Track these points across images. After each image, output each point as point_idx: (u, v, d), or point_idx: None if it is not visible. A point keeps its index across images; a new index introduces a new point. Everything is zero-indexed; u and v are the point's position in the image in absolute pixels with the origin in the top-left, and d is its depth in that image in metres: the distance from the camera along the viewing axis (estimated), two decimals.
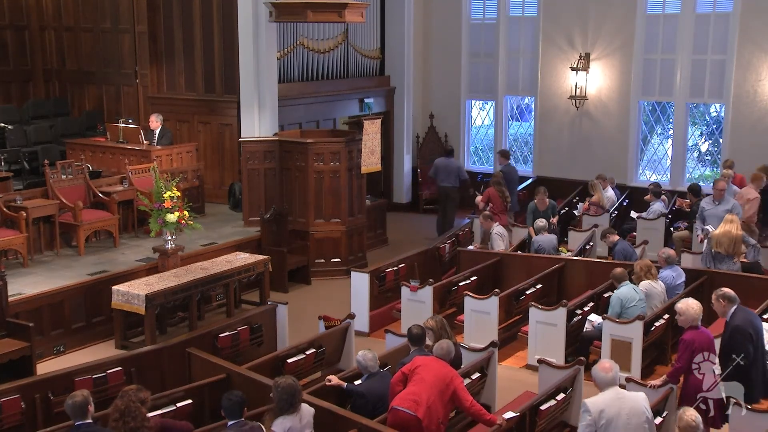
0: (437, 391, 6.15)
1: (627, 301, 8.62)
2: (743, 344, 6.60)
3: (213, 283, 9.81)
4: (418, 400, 6.08)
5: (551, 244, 11.18)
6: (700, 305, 6.72)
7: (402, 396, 6.21)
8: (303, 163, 12.10)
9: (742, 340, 6.62)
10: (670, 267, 9.56)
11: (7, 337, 8.28)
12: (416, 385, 6.19)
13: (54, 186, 10.91)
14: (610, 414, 5.44)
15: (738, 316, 6.79)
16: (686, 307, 6.66)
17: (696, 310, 6.61)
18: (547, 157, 15.92)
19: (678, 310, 6.71)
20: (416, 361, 6.39)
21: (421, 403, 6.07)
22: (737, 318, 6.76)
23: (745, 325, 6.71)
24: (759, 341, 6.69)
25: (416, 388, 6.17)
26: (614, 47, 14.97)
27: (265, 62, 12.47)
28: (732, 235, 10.00)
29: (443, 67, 16.91)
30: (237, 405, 5.70)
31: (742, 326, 6.70)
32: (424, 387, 6.15)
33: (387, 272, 10.57)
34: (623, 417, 5.45)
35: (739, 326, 6.71)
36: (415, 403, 6.08)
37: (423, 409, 6.06)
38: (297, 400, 5.73)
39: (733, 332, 6.70)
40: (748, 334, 6.65)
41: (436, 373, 6.22)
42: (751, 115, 13.93)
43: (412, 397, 6.12)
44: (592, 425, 5.45)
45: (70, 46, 15.97)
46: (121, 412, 5.57)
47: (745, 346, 6.60)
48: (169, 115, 13.74)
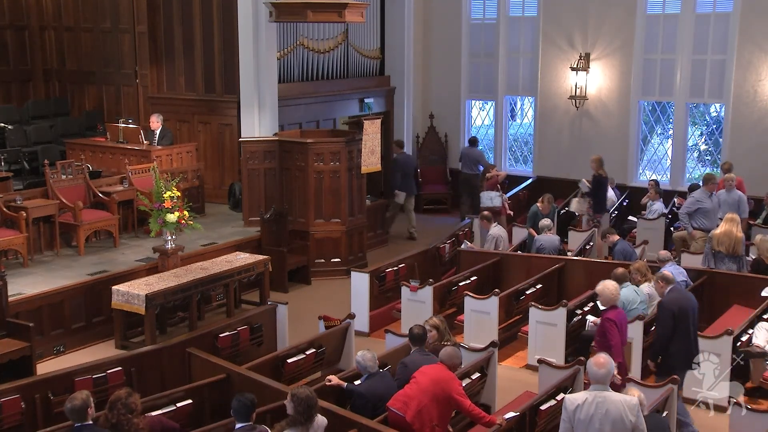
0: (430, 395, 6.23)
1: (628, 304, 8.60)
2: (666, 319, 7.36)
3: (213, 283, 9.81)
4: (408, 402, 6.23)
5: (553, 245, 11.18)
6: (616, 286, 7.28)
7: (396, 396, 6.38)
8: (303, 163, 12.10)
9: (666, 315, 7.37)
10: (671, 264, 9.59)
11: (7, 337, 8.27)
12: (410, 388, 6.33)
13: (54, 186, 10.91)
14: (583, 415, 5.24)
15: (669, 295, 7.49)
16: (603, 288, 7.16)
17: (612, 290, 7.12)
18: (547, 157, 15.92)
19: (597, 291, 7.22)
20: (422, 367, 6.48)
21: (410, 405, 6.21)
22: (667, 297, 7.50)
23: (670, 303, 7.40)
24: (683, 319, 7.34)
25: (409, 391, 6.31)
26: (614, 47, 14.97)
27: (265, 62, 12.46)
28: (733, 235, 10.01)
29: (443, 67, 16.91)
30: (246, 408, 5.60)
31: (667, 304, 7.40)
32: (417, 390, 6.27)
33: (387, 272, 10.57)
34: (595, 423, 5.21)
35: (664, 303, 7.46)
36: (404, 405, 6.23)
37: (412, 411, 6.18)
38: (314, 413, 5.56)
39: (660, 308, 7.50)
40: (671, 312, 7.33)
41: (432, 377, 6.31)
42: (751, 115, 13.93)
43: (403, 399, 6.28)
44: (567, 422, 5.34)
45: (70, 46, 15.96)
46: (112, 425, 5.57)
47: (667, 320, 7.34)
48: (169, 115, 13.74)
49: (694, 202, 11.36)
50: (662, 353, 7.39)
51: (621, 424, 5.20)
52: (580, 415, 5.27)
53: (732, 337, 7.97)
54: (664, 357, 7.39)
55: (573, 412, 5.30)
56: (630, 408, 5.23)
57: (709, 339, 8.07)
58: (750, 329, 8.42)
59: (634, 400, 5.30)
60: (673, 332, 7.31)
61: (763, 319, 8.54)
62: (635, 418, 5.21)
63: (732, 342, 7.98)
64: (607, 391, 5.34)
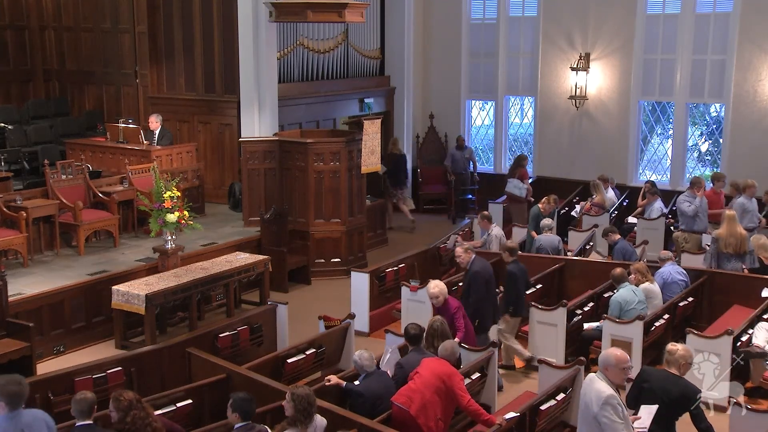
0: (434, 389, 6.32)
1: (626, 304, 8.62)
2: (480, 285, 8.29)
3: (213, 283, 9.81)
4: (412, 396, 6.31)
5: (551, 245, 11.17)
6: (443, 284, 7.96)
7: (401, 391, 6.45)
8: (303, 163, 12.10)
9: (480, 281, 8.28)
10: (670, 264, 9.59)
11: (7, 337, 8.27)
12: (414, 382, 6.41)
13: (54, 186, 10.91)
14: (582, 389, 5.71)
15: (477, 263, 8.41)
16: (438, 291, 7.77)
17: (442, 288, 7.83)
18: (547, 157, 15.92)
19: (431, 295, 7.81)
20: (423, 361, 6.57)
21: (414, 399, 6.29)
22: (476, 265, 8.38)
23: (482, 271, 8.35)
24: (491, 284, 8.43)
25: (413, 385, 6.39)
26: (614, 47, 14.96)
27: (265, 62, 12.46)
28: (738, 233, 10.01)
29: (443, 67, 16.91)
30: (250, 405, 5.60)
31: (481, 272, 8.33)
32: (421, 384, 6.35)
33: (387, 272, 10.57)
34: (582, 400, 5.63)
35: (478, 271, 8.32)
36: (408, 399, 6.31)
37: (416, 405, 6.26)
38: (313, 411, 5.59)
39: (474, 275, 8.32)
40: (484, 279, 8.31)
41: (434, 371, 6.40)
42: (751, 115, 13.92)
43: (407, 393, 6.36)
44: None
45: (70, 46, 15.96)
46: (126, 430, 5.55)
47: (480, 287, 8.29)
48: (169, 115, 13.74)
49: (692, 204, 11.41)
50: (477, 316, 8.23)
51: (587, 411, 5.53)
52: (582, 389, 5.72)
53: (732, 337, 7.97)
54: (480, 318, 8.26)
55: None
56: (596, 399, 5.46)
57: (709, 339, 8.08)
58: (750, 329, 8.42)
59: (604, 393, 5.43)
60: (486, 296, 8.32)
61: (763, 319, 8.54)
62: (597, 409, 5.42)
63: (732, 342, 7.97)
64: (599, 377, 5.56)
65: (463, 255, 8.46)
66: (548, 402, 6.72)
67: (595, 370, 7.99)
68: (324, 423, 5.77)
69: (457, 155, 15.91)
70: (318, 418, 5.70)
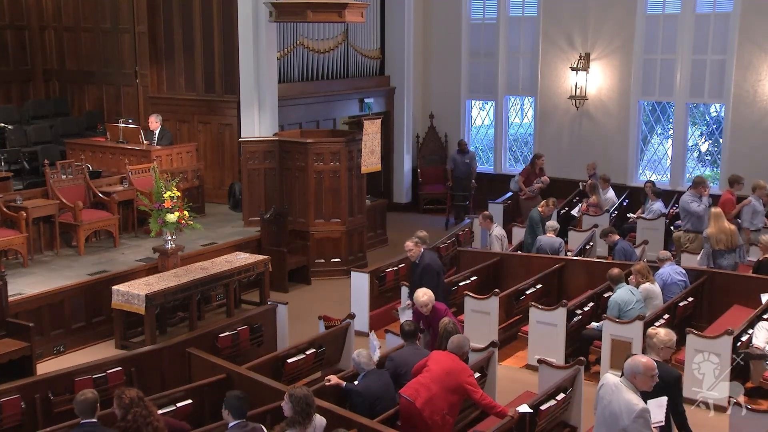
0: (441, 384, 6.35)
1: (625, 305, 8.61)
2: (433, 276, 8.64)
3: (213, 283, 9.81)
4: (419, 389, 6.35)
5: (552, 247, 11.16)
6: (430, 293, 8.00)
7: (409, 384, 6.50)
8: (303, 163, 12.10)
9: (432, 272, 8.63)
10: (670, 264, 9.58)
11: (7, 337, 8.28)
12: (423, 376, 6.47)
13: (54, 186, 10.91)
14: (601, 392, 5.50)
15: (427, 256, 8.79)
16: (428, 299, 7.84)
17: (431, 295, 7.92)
18: (547, 157, 15.85)
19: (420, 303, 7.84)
20: (432, 354, 6.69)
21: (421, 392, 6.33)
22: (426, 258, 8.75)
23: (433, 263, 8.75)
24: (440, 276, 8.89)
25: (422, 378, 6.44)
26: (614, 47, 14.97)
27: (265, 62, 12.47)
28: (727, 229, 10.09)
29: (443, 67, 16.91)
30: (243, 404, 5.62)
31: (432, 264, 8.72)
32: (429, 378, 6.39)
33: (387, 272, 10.57)
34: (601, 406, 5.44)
35: (429, 264, 8.69)
36: (415, 392, 6.35)
37: (423, 398, 6.29)
38: (312, 412, 5.58)
39: (425, 268, 8.65)
40: (435, 271, 8.71)
41: (443, 367, 6.44)
42: (751, 115, 13.93)
43: (415, 386, 6.40)
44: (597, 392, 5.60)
45: (70, 46, 15.96)
46: (127, 428, 5.55)
47: (434, 278, 8.62)
48: (169, 115, 13.74)
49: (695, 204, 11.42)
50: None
51: (614, 421, 5.31)
52: (600, 391, 5.53)
53: (732, 338, 7.96)
54: None
55: (599, 387, 5.57)
56: (627, 412, 5.25)
57: (709, 339, 8.08)
58: (750, 329, 8.42)
59: (637, 407, 5.24)
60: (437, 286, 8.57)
61: (763, 319, 8.54)
62: (629, 422, 5.23)
63: (732, 342, 7.97)
64: (626, 385, 5.34)
65: (414, 249, 8.77)
66: (548, 402, 6.72)
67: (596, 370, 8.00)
68: (324, 423, 5.76)
69: (459, 159, 15.54)
70: (317, 418, 5.69)
